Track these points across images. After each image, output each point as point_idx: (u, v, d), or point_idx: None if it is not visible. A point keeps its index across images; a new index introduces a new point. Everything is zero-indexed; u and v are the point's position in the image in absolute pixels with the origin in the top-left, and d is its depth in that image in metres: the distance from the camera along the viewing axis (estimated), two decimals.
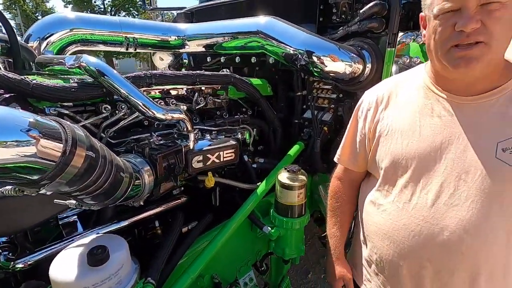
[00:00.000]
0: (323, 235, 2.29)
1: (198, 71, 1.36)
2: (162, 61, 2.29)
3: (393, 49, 1.50)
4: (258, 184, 1.51)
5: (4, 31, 1.22)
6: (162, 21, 3.08)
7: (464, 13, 0.68)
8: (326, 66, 1.48)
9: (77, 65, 0.95)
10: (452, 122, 0.79)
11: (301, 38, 1.50)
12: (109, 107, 1.05)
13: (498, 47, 0.71)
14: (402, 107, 0.90)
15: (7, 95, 0.85)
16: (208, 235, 1.33)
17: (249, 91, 1.61)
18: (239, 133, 1.53)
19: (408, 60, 1.49)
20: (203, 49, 1.94)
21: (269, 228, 1.38)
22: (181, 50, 2.00)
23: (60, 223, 0.96)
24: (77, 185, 0.63)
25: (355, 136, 1.04)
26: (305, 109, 1.95)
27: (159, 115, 1.01)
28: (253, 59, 2.00)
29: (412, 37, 1.49)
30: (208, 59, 2.28)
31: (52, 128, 0.58)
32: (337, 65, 1.48)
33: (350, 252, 1.19)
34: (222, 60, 2.18)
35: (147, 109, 1.00)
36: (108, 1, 31.55)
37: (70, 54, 1.64)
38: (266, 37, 1.57)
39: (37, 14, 39.42)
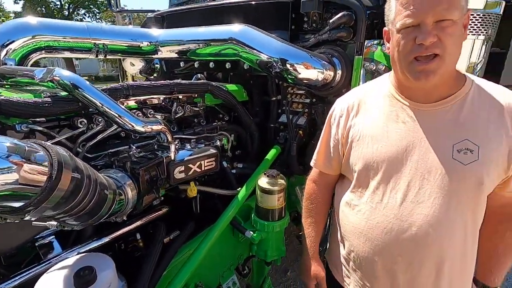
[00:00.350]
0: (300, 233, 2.38)
1: (175, 81, 1.36)
2: (133, 66, 2.22)
3: (361, 56, 1.60)
4: (238, 189, 1.54)
5: None
6: (130, 23, 2.97)
7: (423, 29, 0.77)
8: (300, 73, 1.54)
9: (49, 79, 0.91)
10: (415, 127, 0.89)
11: (275, 47, 1.55)
12: (85, 120, 1.01)
13: (451, 60, 0.81)
14: (371, 114, 0.98)
15: None
16: (191, 244, 1.34)
17: (226, 98, 1.63)
18: (217, 140, 1.54)
19: (374, 67, 1.60)
20: (176, 55, 1.92)
21: (251, 233, 1.42)
22: (153, 56, 1.97)
23: (36, 244, 0.92)
24: (62, 208, 0.61)
25: (329, 141, 1.11)
26: (280, 114, 2.00)
27: (138, 128, 1.00)
28: (228, 65, 2.02)
29: (376, 42, 1.60)
30: (181, 64, 2.26)
31: (35, 152, 0.56)
32: (310, 72, 1.55)
33: (328, 251, 1.27)
34: (196, 65, 2.17)
35: (126, 122, 0.98)
36: None
37: (34, 62, 1.54)
38: (241, 45, 1.60)
39: None
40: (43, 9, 28.02)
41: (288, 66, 1.53)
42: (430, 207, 0.85)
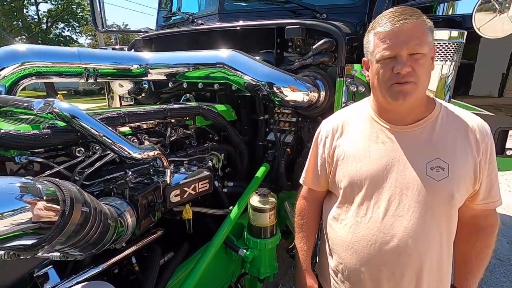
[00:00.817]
0: (289, 247, 2.43)
1: (168, 106, 1.41)
2: (122, 87, 2.25)
3: (342, 79, 1.72)
4: (230, 208, 1.58)
5: None
6: (117, 43, 3.00)
7: (399, 60, 0.89)
8: (286, 96, 1.63)
9: (49, 111, 0.94)
10: (393, 147, 0.99)
11: (262, 71, 1.64)
12: (82, 149, 1.04)
13: (423, 86, 0.93)
14: (353, 135, 1.08)
15: None
16: (186, 264, 1.35)
17: (216, 120, 1.69)
18: (209, 161, 1.59)
19: (355, 88, 1.71)
20: (166, 78, 1.98)
21: (244, 251, 1.46)
22: (143, 78, 2.01)
23: (34, 275, 0.92)
24: (71, 241, 0.64)
25: (316, 160, 1.20)
26: (268, 132, 2.08)
27: (135, 155, 1.04)
28: (216, 86, 2.08)
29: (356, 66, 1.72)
30: (170, 84, 2.31)
31: (47, 189, 0.60)
32: (295, 95, 1.64)
33: (318, 264, 1.33)
34: (184, 86, 2.22)
35: (123, 150, 1.02)
36: (43, 12, 28.97)
37: (23, 87, 1.55)
38: (230, 69, 1.68)
39: None
40: (19, 22, 27.31)
41: (275, 89, 1.62)
42: (409, 220, 0.95)
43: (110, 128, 1.01)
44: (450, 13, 3.19)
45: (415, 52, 0.87)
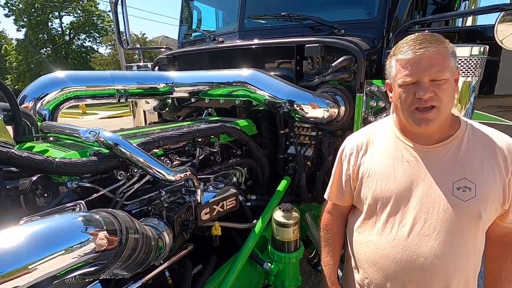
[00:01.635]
0: (310, 256, 2.46)
1: (195, 127, 1.49)
2: (148, 104, 2.37)
3: (362, 94, 1.75)
4: (254, 222, 1.64)
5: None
6: (140, 59, 3.16)
7: (421, 86, 0.92)
8: (307, 113, 1.68)
9: (95, 140, 1.04)
10: (418, 166, 1.02)
11: (283, 89, 1.70)
12: (123, 173, 1.14)
13: (446, 110, 0.95)
14: (378, 153, 1.11)
15: (34, 178, 0.92)
16: (215, 277, 1.42)
17: (240, 136, 1.77)
18: (233, 176, 1.66)
19: (374, 104, 1.74)
20: (189, 95, 2.08)
21: (269, 264, 1.51)
22: (169, 96, 2.12)
23: None
24: (124, 265, 0.72)
25: (341, 176, 1.24)
26: (288, 145, 2.13)
27: (170, 177, 1.12)
28: (237, 101, 2.17)
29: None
30: (192, 99, 2.41)
31: (106, 220, 0.68)
32: (316, 112, 1.69)
33: (343, 277, 1.37)
34: (206, 101, 2.32)
35: (159, 173, 1.11)
36: (66, 24, 30.42)
37: (64, 110, 1.69)
38: (252, 87, 1.75)
39: None
40: (45, 35, 28.82)
41: (295, 106, 1.68)
42: (435, 239, 0.97)
43: (147, 154, 1.10)
44: (473, 7, 3.11)
45: (437, 79, 0.90)
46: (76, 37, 30.40)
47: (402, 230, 1.02)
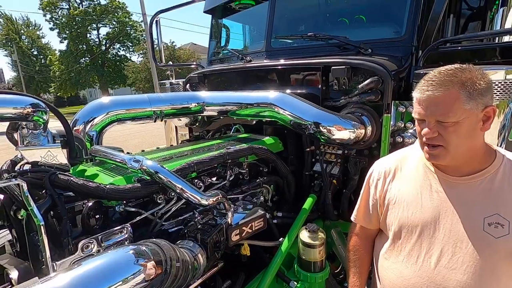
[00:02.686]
0: (336, 271, 2.45)
1: (226, 150, 1.59)
2: (180, 121, 2.52)
3: (389, 115, 1.75)
4: (280, 240, 1.69)
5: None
6: (172, 75, 3.36)
7: (426, 125, 0.95)
8: (333, 135, 1.71)
9: (138, 168, 1.17)
10: (447, 198, 1.01)
11: (309, 112, 1.75)
12: (162, 196, 1.26)
13: (457, 150, 0.94)
14: (406, 181, 1.12)
15: (90, 203, 1.06)
16: None
17: (267, 156, 1.84)
18: (261, 196, 1.73)
19: (402, 124, 1.73)
20: (219, 114, 2.19)
21: (295, 283, 1.56)
22: (200, 114, 2.25)
23: None
24: None
25: (368, 200, 1.26)
26: (314, 162, 2.16)
27: (203, 202, 1.22)
28: (264, 119, 2.24)
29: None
30: (221, 116, 2.52)
31: (151, 251, 0.78)
32: (342, 134, 1.72)
33: None
34: (234, 118, 2.42)
35: (194, 198, 1.21)
36: (103, 35, 32.52)
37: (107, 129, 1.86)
38: (279, 109, 1.82)
39: (33, 50, 40.46)
40: (84, 46, 31.02)
41: (321, 128, 1.72)
42: (463, 274, 0.96)
43: (183, 180, 1.21)
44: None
45: (443, 121, 0.91)
46: (111, 47, 32.40)
47: (428, 261, 1.02)
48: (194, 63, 3.32)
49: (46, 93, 39.22)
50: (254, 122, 2.40)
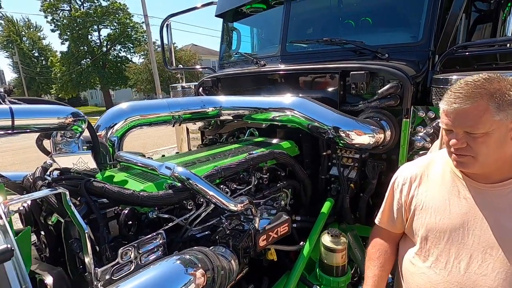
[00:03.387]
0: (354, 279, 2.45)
1: (249, 156, 1.60)
2: (195, 125, 2.54)
3: (408, 119, 1.76)
4: (301, 244, 1.71)
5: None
6: (182, 79, 3.37)
7: (454, 136, 0.95)
8: (352, 139, 1.73)
9: (170, 175, 1.18)
10: (476, 204, 1.02)
11: (329, 117, 1.76)
12: (192, 202, 1.27)
13: (486, 159, 0.95)
14: (433, 187, 1.13)
15: (126, 210, 1.07)
16: None
17: (287, 161, 1.85)
18: (281, 200, 1.75)
19: (422, 129, 1.74)
20: (235, 118, 2.20)
21: (318, 287, 1.57)
22: (216, 119, 2.26)
23: None
24: None
25: (392, 204, 1.27)
26: (330, 166, 2.17)
27: (232, 208, 1.23)
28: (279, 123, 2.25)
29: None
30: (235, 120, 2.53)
31: (199, 260, 0.79)
32: (361, 138, 1.73)
33: None
34: (248, 121, 2.43)
35: (223, 204, 1.22)
36: (104, 36, 32.54)
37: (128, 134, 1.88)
38: (298, 113, 1.83)
39: (34, 51, 40.52)
40: (85, 47, 31.06)
41: (340, 133, 1.73)
42: (494, 280, 0.97)
43: (214, 187, 1.22)
44: None
45: (472, 132, 0.92)
46: (112, 48, 32.43)
47: (458, 267, 1.03)
48: (204, 67, 3.33)
49: (47, 94, 39.24)
50: (264, 125, 2.41)
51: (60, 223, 1.16)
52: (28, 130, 1.05)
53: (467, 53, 1.86)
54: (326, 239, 1.57)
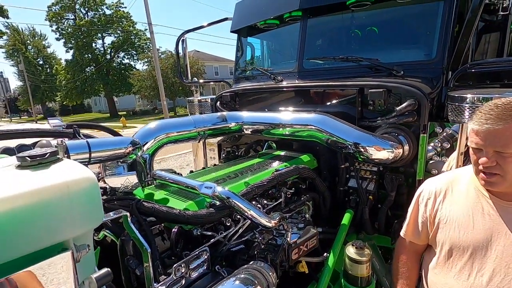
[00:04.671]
0: None
1: (276, 172, 1.69)
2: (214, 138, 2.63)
3: (425, 135, 1.85)
4: (325, 255, 1.78)
5: None
6: (197, 91, 3.47)
7: (484, 154, 1.02)
8: (371, 154, 1.81)
9: (211, 194, 1.27)
10: (500, 221, 1.09)
11: (350, 133, 1.85)
12: (230, 219, 1.36)
13: None
14: (457, 202, 1.20)
15: (175, 229, 1.16)
16: None
17: (309, 175, 1.93)
18: (305, 214, 1.83)
19: (439, 144, 1.82)
20: (256, 133, 2.30)
21: None
22: (238, 133, 2.36)
23: None
24: None
25: (417, 217, 1.34)
26: (349, 178, 2.25)
27: (268, 224, 1.32)
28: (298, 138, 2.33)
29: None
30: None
31: (256, 278, 0.88)
32: (381, 154, 1.81)
33: None
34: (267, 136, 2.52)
35: (259, 220, 1.30)
36: (108, 44, 32.94)
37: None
38: (319, 130, 1.92)
39: (39, 59, 41.06)
40: (89, 55, 31.46)
41: (360, 148, 1.82)
42: None
43: (252, 205, 1.31)
44: None
45: (502, 152, 0.99)
46: (116, 56, 32.81)
47: (480, 279, 1.09)
48: (221, 80, 3.44)
49: (52, 102, 39.65)
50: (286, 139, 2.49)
51: (105, 239, 1.25)
52: (99, 160, 1.15)
53: (480, 70, 1.95)
54: (351, 251, 1.64)
